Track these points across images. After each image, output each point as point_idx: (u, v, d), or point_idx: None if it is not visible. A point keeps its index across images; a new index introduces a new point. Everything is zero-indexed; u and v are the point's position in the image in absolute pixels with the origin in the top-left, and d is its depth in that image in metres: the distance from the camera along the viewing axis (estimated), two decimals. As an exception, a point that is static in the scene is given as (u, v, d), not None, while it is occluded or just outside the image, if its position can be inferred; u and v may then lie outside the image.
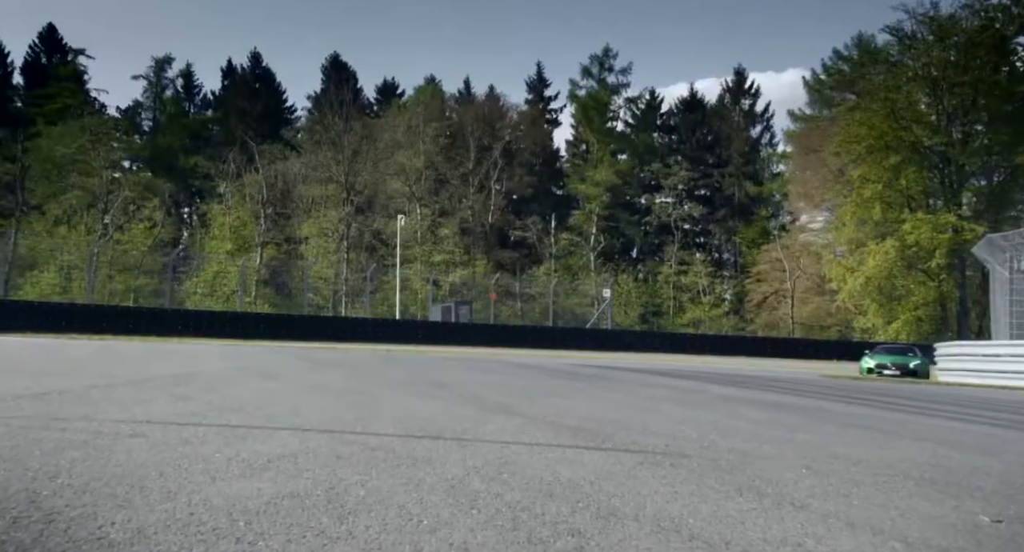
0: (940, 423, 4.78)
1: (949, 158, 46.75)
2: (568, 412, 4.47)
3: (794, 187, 59.59)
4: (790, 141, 64.73)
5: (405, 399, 5.01)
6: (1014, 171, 47.46)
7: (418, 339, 33.93)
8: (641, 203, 65.92)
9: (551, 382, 7.66)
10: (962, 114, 46.64)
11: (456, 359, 14.06)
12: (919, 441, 3.69)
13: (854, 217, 47.75)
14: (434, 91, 65.91)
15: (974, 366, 19.97)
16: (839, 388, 9.38)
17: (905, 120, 46.16)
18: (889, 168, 45.56)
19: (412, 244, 54.13)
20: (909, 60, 48.07)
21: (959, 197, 47.50)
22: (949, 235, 43.72)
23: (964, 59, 45.30)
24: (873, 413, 5.38)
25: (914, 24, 47.14)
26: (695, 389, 7.08)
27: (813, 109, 64.62)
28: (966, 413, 6.06)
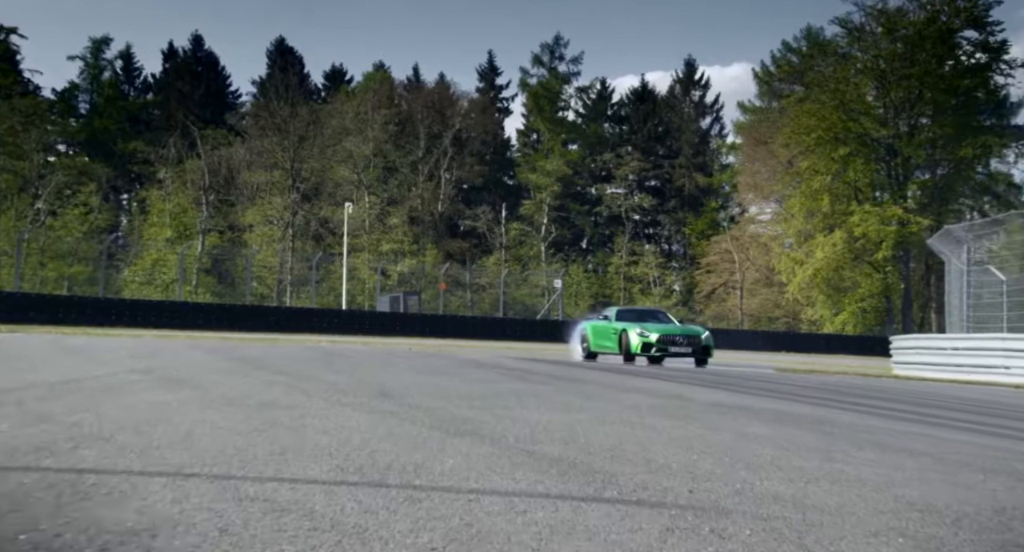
0: (989, 442, 4.06)
1: (896, 150, 47.06)
2: (545, 433, 3.63)
3: (743, 178, 59.69)
4: (740, 133, 64.83)
5: (341, 415, 4.11)
6: (957, 164, 47.96)
7: (365, 330, 33.04)
8: (592, 193, 65.60)
9: (514, 386, 6.79)
10: (908, 107, 46.96)
11: (404, 355, 13.10)
12: (994, 474, 2.93)
13: (803, 209, 47.87)
14: (383, 78, 64.66)
15: (931, 359, 19.75)
16: (811, 387, 8.71)
17: (853, 112, 46.33)
18: (837, 160, 45.71)
19: (360, 233, 53.14)
20: (858, 52, 48.27)
21: (905, 189, 47.89)
22: (895, 227, 44.02)
23: (911, 52, 45.59)
24: (892, 426, 4.65)
25: (863, 16, 47.34)
26: (676, 394, 6.30)
27: (763, 101, 64.80)
28: (984, 423, 5.38)
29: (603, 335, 18.93)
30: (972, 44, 46.87)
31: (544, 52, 66.26)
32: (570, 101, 67.20)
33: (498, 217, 59.07)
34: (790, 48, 62.09)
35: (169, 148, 54.10)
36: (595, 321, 19.86)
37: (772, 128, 54.18)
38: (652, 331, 17.53)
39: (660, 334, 17.41)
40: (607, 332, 18.70)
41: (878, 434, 4.27)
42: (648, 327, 17.88)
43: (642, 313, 20.36)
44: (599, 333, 19.12)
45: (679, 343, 17.40)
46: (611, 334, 18.43)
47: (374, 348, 16.69)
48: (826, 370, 15.84)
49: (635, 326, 17.88)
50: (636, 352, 17.25)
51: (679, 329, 18.13)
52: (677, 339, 17.47)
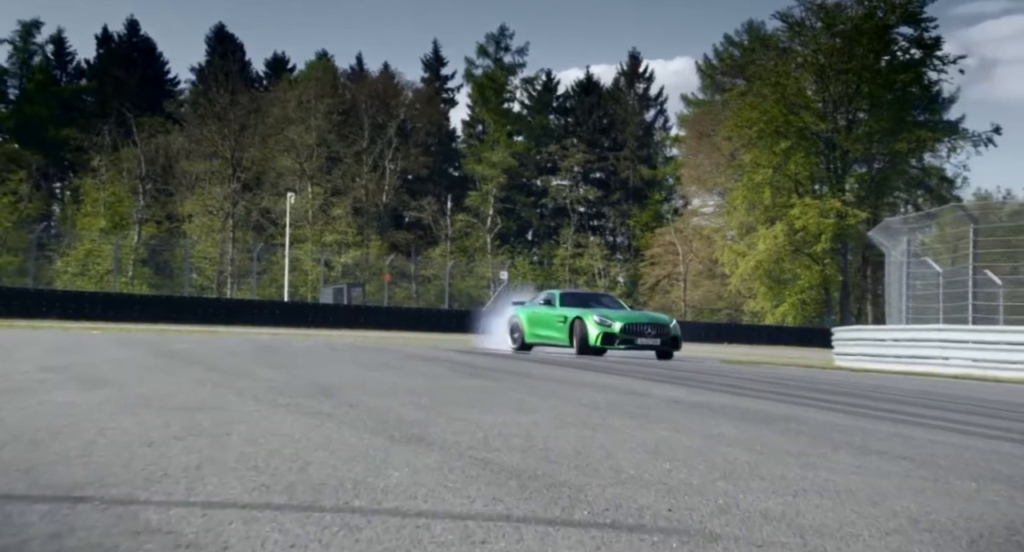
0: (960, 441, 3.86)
1: (834, 144, 47.76)
2: (500, 438, 3.29)
3: (687, 171, 60.12)
4: (683, 125, 65.25)
5: (274, 419, 3.72)
6: (893, 158, 48.84)
7: (308, 322, 32.49)
8: (537, 185, 65.48)
9: (463, 383, 6.44)
10: (847, 101, 47.68)
11: (347, 348, 12.65)
12: (985, 481, 2.69)
13: (745, 201, 48.34)
14: (326, 67, 63.64)
15: (871, 351, 19.95)
16: (763, 380, 8.53)
17: (794, 106, 46.89)
18: (779, 153, 46.24)
19: (303, 223, 52.36)
20: (798, 46, 48.84)
21: (843, 183, 48.64)
22: (834, 220, 44.68)
23: (849, 47, 46.28)
24: (859, 424, 4.42)
25: (803, 11, 47.90)
26: (632, 390, 6.02)
27: (706, 94, 65.24)
28: (946, 418, 5.20)
29: (544, 323, 16.36)
30: (907, 40, 47.82)
31: (489, 43, 65.86)
32: (515, 92, 66.98)
33: (443, 208, 58.66)
34: (732, 42, 62.58)
35: (104, 135, 52.67)
36: (531, 307, 17.28)
37: (715, 121, 54.60)
38: (615, 319, 15.13)
39: (625, 323, 15.01)
40: (550, 320, 16.19)
41: (848, 433, 4.03)
42: (608, 314, 15.48)
43: (587, 297, 18.36)
44: (538, 321, 16.60)
45: (647, 333, 15.08)
46: (556, 322, 15.91)
47: (316, 341, 16.18)
48: (771, 362, 15.78)
49: (591, 313, 15.38)
50: (595, 345, 14.83)
51: (645, 317, 15.98)
52: (645, 329, 15.15)
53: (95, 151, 53.03)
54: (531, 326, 16.80)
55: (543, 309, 16.78)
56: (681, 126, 65.81)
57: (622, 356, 15.41)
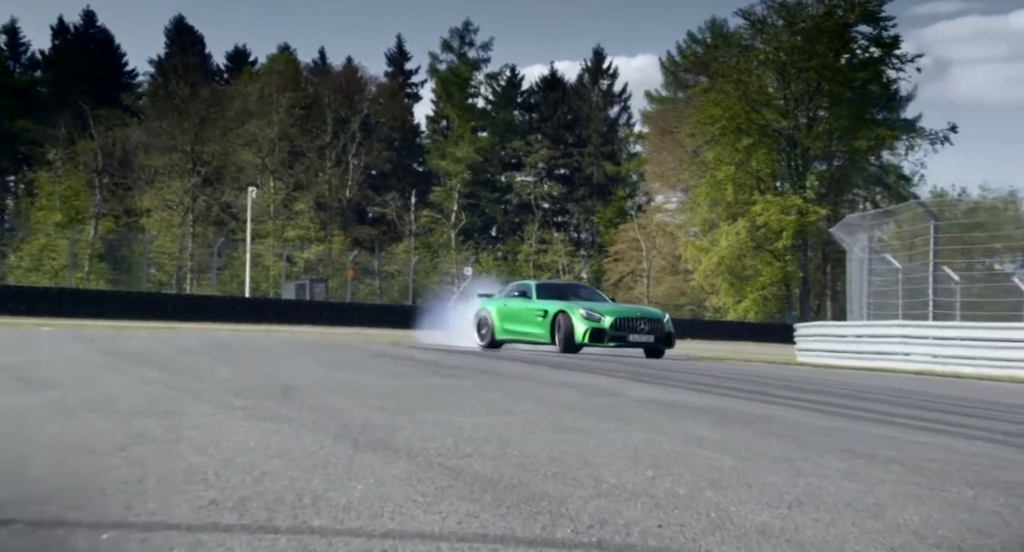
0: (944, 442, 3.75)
1: (795, 141, 48.15)
2: (471, 443, 3.10)
3: (651, 168, 60.31)
4: (647, 122, 65.37)
5: (229, 423, 3.49)
6: (852, 156, 49.38)
7: (270, 318, 32.02)
8: (502, 181, 65.31)
9: (430, 382, 6.22)
10: (807, 99, 48.09)
11: (309, 345, 12.34)
12: (982, 488, 2.56)
13: (708, 198, 48.61)
14: (288, 60, 62.87)
15: (833, 346, 20.09)
16: (732, 378, 8.42)
17: (756, 103, 47.20)
18: (741, 150, 46.54)
19: (264, 218, 51.76)
20: (760, 44, 49.14)
21: (804, 180, 49.05)
22: (795, 217, 45.08)
23: (810, 45, 46.65)
24: (838, 425, 4.29)
25: (765, 9, 48.20)
26: (605, 390, 5.85)
27: (669, 91, 65.42)
28: (921, 417, 5.10)
29: (520, 318, 14.93)
30: (866, 38, 48.31)
31: (454, 38, 65.45)
32: (480, 88, 66.67)
33: (407, 204, 58.30)
34: (695, 39, 62.78)
35: (59, 128, 51.62)
36: (503, 299, 15.80)
37: (678, 118, 54.81)
38: (604, 313, 13.72)
39: (616, 317, 13.64)
40: (527, 314, 14.74)
41: (830, 435, 3.89)
42: (596, 308, 14.10)
43: (565, 289, 16.83)
44: (512, 315, 15.14)
45: (640, 329, 13.69)
46: (535, 317, 14.45)
47: (277, 338, 15.84)
48: (734, 357, 15.66)
49: (576, 306, 14.00)
50: (581, 341, 13.48)
51: (637, 311, 14.82)
52: (638, 324, 13.77)
53: (50, 144, 52.01)
54: (503, 321, 15.27)
55: (518, 302, 15.25)
56: (645, 123, 65.97)
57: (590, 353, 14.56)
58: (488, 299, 16.42)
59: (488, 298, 16.48)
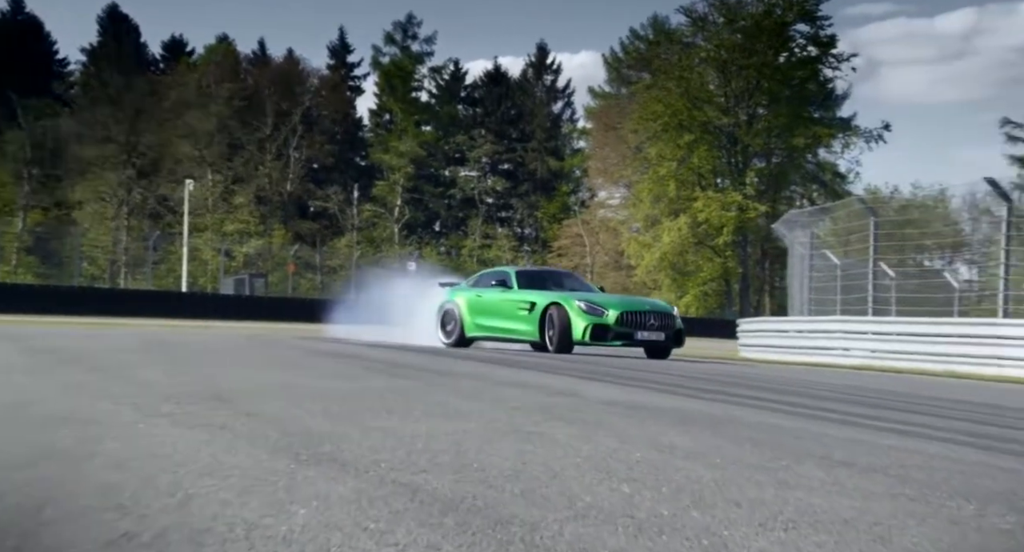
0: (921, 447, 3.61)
1: (736, 138, 48.65)
2: (427, 454, 2.82)
3: (594, 163, 60.47)
4: (590, 118, 65.54)
5: (154, 433, 3.15)
6: (791, 153, 50.10)
7: (208, 314, 31.25)
8: (446, 176, 64.91)
9: (378, 383, 5.89)
10: (747, 96, 48.64)
11: (248, 342, 11.87)
12: (980, 502, 2.39)
13: (650, 194, 48.87)
14: (226, 51, 61.56)
15: (775, 342, 20.27)
16: (684, 375, 8.26)
17: (698, 100, 47.58)
18: (683, 146, 46.86)
19: (202, 212, 50.70)
20: (702, 41, 49.55)
21: (744, 177, 49.63)
22: (735, 213, 45.59)
23: (749, 43, 47.14)
24: (805, 427, 4.12)
25: (706, 7, 48.58)
26: (564, 390, 5.61)
27: (612, 87, 65.65)
28: (883, 418, 4.96)
29: (498, 311, 12.97)
30: (804, 37, 48.96)
31: (397, 30, 64.78)
32: (423, 82, 66.14)
33: (350, 198, 57.61)
34: (638, 36, 63.04)
35: (-14, 117, 49.91)
36: (475, 289, 13.90)
37: (621, 114, 54.99)
38: (607, 306, 11.91)
39: (622, 311, 11.84)
40: (507, 307, 12.80)
41: (801, 439, 3.72)
42: (596, 300, 12.22)
43: (548, 276, 14.76)
44: (488, 308, 13.19)
45: (649, 325, 11.93)
46: (517, 311, 12.55)
47: (215, 335, 15.30)
48: (680, 353, 15.49)
49: (571, 297, 12.14)
50: (581, 340, 11.69)
51: (645, 303, 12.95)
52: (647, 319, 11.98)
53: (-24, 134, 50.26)
54: (475, 315, 13.36)
55: (494, 292, 13.23)
56: (588, 119, 66.11)
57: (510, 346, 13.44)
58: (455, 289, 14.45)
59: (454, 287, 14.60)
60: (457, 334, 13.58)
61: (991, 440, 4.23)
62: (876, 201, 35.83)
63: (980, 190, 22.65)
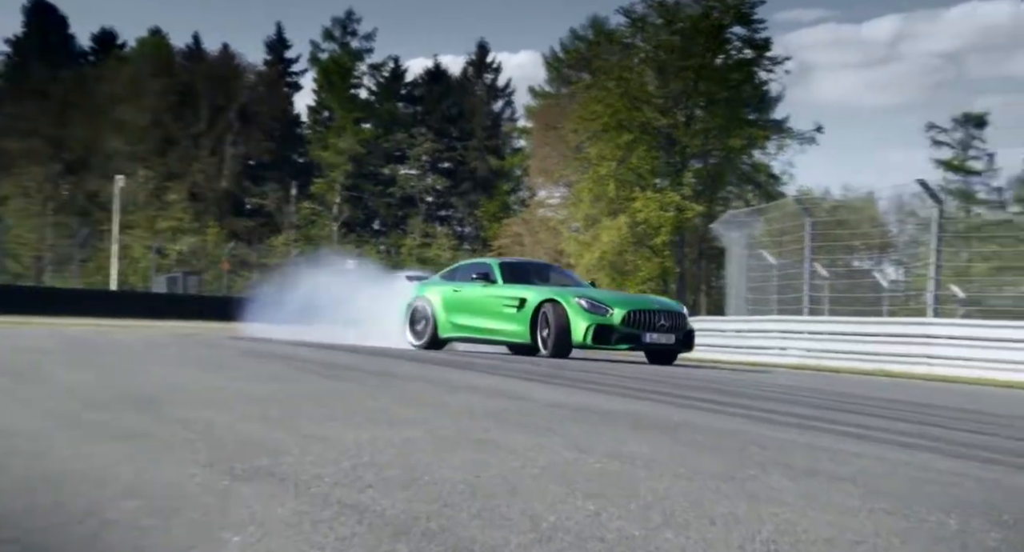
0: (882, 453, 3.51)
1: (674, 139, 49.07)
2: (372, 467, 2.60)
3: (534, 163, 60.45)
4: (530, 117, 65.54)
5: (65, 444, 2.84)
6: (727, 154, 50.73)
7: (139, 313, 30.45)
8: (385, 174, 64.36)
9: (317, 386, 5.63)
10: (686, 97, 49.02)
11: (179, 342, 11.42)
12: (960, 516, 2.28)
13: (590, 194, 48.98)
14: (159, 44, 60.15)
15: (713, 341, 20.45)
16: (625, 376, 8.14)
17: (637, 100, 47.83)
18: (622, 146, 47.06)
19: (133, 208, 49.41)
20: (641, 42, 49.88)
21: (682, 177, 50.10)
22: (673, 213, 45.95)
23: (687, 45, 47.53)
24: (764, 433, 3.99)
25: (645, 8, 48.90)
26: (509, 392, 5.42)
27: (552, 87, 65.76)
28: (837, 421, 4.89)
29: (480, 309, 11.70)
30: (740, 40, 49.53)
31: (336, 27, 63.98)
32: (363, 79, 65.48)
33: (287, 195, 56.76)
34: (578, 36, 63.23)
35: (-97, 108, 47.98)
36: (451, 284, 12.54)
37: (561, 114, 55.05)
38: (612, 304, 10.75)
39: (629, 310, 10.69)
40: (491, 304, 11.53)
41: (762, 445, 3.59)
42: (598, 297, 11.01)
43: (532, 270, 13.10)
44: (467, 306, 11.93)
45: (660, 326, 10.79)
46: (502, 308, 11.29)
47: (144, 334, 14.74)
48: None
49: (569, 293, 10.89)
50: (582, 342, 10.50)
51: (654, 302, 11.64)
52: (656, 319, 10.83)
53: None
54: (451, 313, 12.08)
55: (474, 287, 11.92)
56: (528, 118, 66.10)
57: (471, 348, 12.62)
58: (426, 283, 13.13)
59: (425, 282, 13.25)
60: (429, 334, 12.34)
61: (949, 444, 4.17)
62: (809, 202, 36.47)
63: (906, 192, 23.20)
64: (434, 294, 12.49)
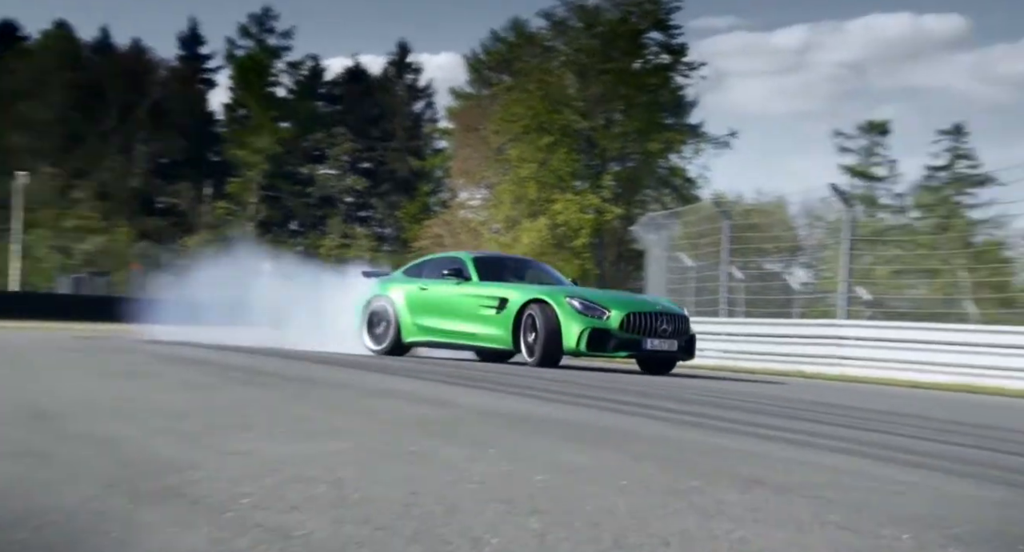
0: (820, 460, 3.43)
1: (594, 142, 49.53)
2: (295, 485, 2.39)
3: (456, 164, 60.27)
4: (451, 118, 65.36)
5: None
6: (646, 158, 51.44)
7: (43, 314, 29.31)
8: (303, 173, 63.40)
9: (234, 394, 5.33)
10: (605, 101, 49.55)
11: (84, 347, 10.85)
12: (918, 533, 2.18)
13: (511, 195, 49.11)
14: (65, 38, 58.05)
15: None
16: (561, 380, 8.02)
17: (557, 103, 48.15)
18: (543, 148, 47.31)
19: (37, 207, 47.57)
20: (561, 45, 50.22)
21: (602, 180, 50.61)
22: (593, 216, 46.37)
23: (607, 48, 48.08)
24: (703, 439, 3.91)
25: (566, 11, 49.28)
26: (433, 399, 5.23)
27: (473, 88, 65.72)
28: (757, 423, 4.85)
29: (452, 310, 10.55)
30: (658, 45, 50.27)
31: (252, 23, 62.72)
32: (281, 77, 64.38)
33: (201, 195, 55.41)
34: (499, 37, 63.32)
35: None
36: (415, 281, 11.32)
37: (482, 115, 55.01)
38: (608, 305, 9.65)
39: (628, 313, 9.57)
40: (465, 304, 10.38)
41: (704, 454, 3.50)
42: (591, 296, 9.98)
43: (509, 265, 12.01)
44: (437, 306, 10.75)
45: (661, 331, 9.69)
46: (479, 309, 10.16)
47: (45, 337, 14.03)
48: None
49: (559, 293, 9.78)
50: (575, 349, 9.40)
51: (655, 304, 10.46)
52: (658, 322, 9.70)
53: None
54: (418, 314, 10.85)
55: (445, 285, 10.72)
56: (450, 119, 65.90)
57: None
58: (386, 280, 11.84)
59: (385, 279, 11.96)
60: (391, 338, 11.05)
61: (883, 449, 4.14)
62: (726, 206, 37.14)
63: (815, 197, 23.84)
64: (397, 293, 11.24)
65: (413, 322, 10.84)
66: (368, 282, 12.15)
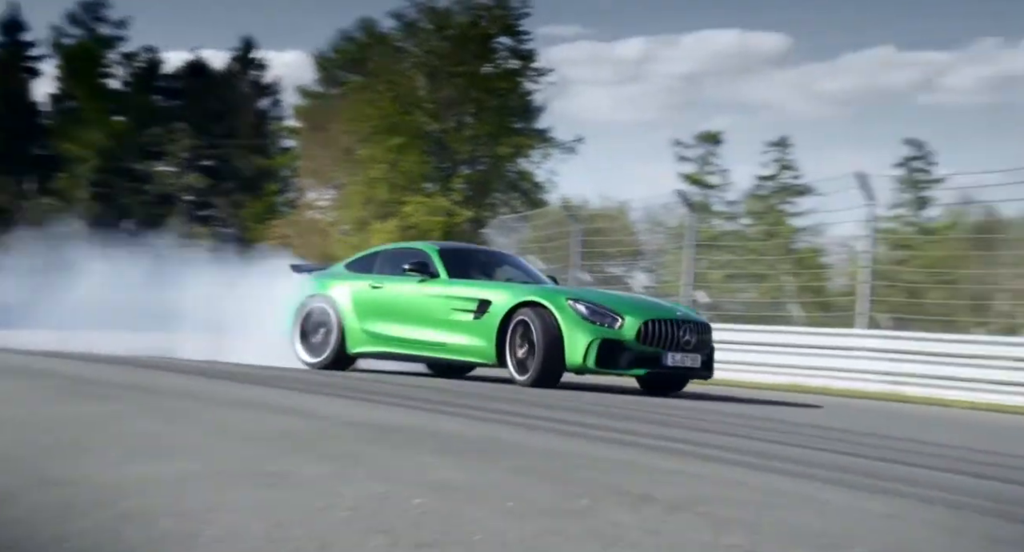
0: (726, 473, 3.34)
1: (444, 145, 49.62)
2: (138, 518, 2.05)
3: (304, 163, 59.14)
4: (299, 117, 64.00)
5: None
6: (495, 162, 51.97)
7: None
8: (140, 170, 60.51)
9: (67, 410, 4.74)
10: (456, 104, 49.72)
11: None
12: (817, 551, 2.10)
13: (361, 196, 48.59)
14: None
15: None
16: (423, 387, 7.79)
17: (408, 104, 47.99)
18: (393, 149, 47.06)
19: None
20: (413, 46, 50.06)
21: (452, 182, 50.75)
22: (443, 218, 46.43)
23: (458, 52, 48.28)
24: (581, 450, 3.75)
25: (415, 12, 49.18)
26: (291, 408, 4.88)
27: (322, 86, 64.54)
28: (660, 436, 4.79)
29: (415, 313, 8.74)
30: (507, 50, 50.85)
31: (82, 11, 59.37)
32: (114, 68, 61.20)
33: (23, 191, 52.00)
34: (348, 37, 62.43)
35: None
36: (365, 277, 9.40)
37: (331, 114, 54.17)
38: (624, 311, 7.94)
39: (645, 320, 7.89)
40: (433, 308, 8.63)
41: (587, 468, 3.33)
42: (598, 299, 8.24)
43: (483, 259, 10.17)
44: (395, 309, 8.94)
45: (684, 344, 8.09)
46: (452, 312, 8.43)
47: None
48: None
49: (556, 293, 8.18)
50: (580, 365, 7.81)
51: (675, 309, 8.72)
52: (682, 333, 8.11)
53: None
54: (369, 318, 9.04)
55: (406, 283, 8.91)
56: (297, 118, 64.46)
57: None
58: (324, 277, 9.86)
59: (324, 274, 9.97)
60: (332, 348, 9.19)
61: (763, 457, 4.12)
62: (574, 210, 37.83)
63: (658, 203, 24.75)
64: (341, 292, 9.33)
65: (362, 328, 9.04)
66: (299, 278, 10.25)
